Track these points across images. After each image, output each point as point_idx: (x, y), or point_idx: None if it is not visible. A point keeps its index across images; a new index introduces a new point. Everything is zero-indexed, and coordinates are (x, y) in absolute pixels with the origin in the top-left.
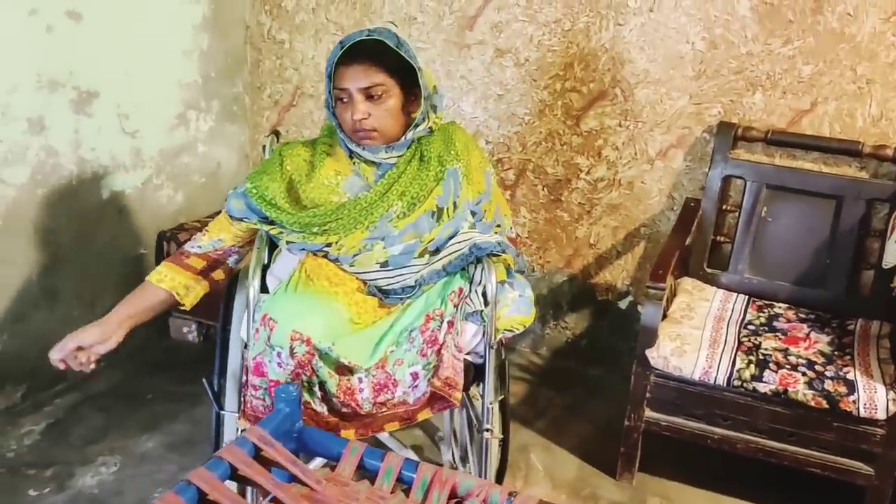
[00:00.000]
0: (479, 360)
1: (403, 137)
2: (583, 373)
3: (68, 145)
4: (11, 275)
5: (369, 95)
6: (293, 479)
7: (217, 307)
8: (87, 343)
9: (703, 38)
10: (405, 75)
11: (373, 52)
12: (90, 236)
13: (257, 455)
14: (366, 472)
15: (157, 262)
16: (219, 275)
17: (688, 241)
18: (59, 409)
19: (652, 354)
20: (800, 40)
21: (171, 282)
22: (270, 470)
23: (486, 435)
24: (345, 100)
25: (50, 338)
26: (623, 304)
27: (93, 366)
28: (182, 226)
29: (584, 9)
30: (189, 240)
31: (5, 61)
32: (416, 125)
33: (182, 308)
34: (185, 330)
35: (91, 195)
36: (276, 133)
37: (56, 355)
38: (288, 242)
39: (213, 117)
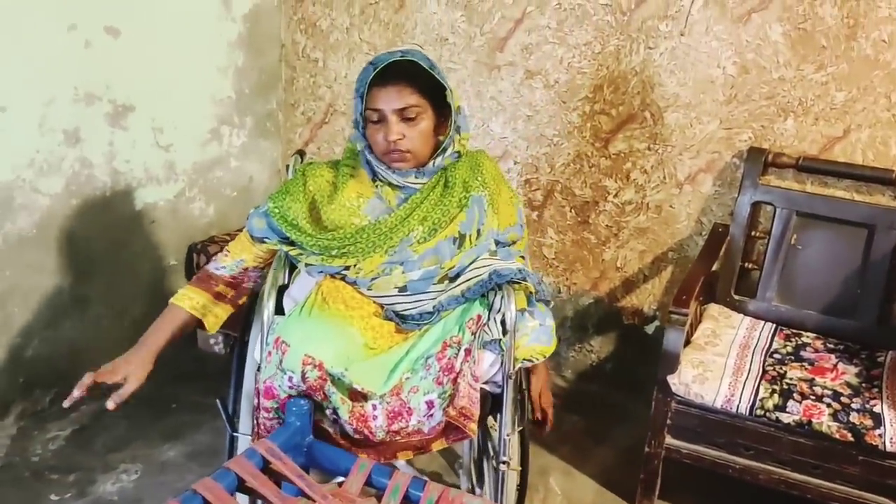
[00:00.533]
0: (497, 390)
1: (432, 163)
2: (607, 397)
3: (103, 157)
4: (44, 282)
5: (404, 117)
6: (301, 493)
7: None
8: (115, 380)
9: (735, 63)
10: (436, 97)
11: (408, 74)
12: (122, 246)
13: (265, 468)
14: (374, 490)
15: (188, 274)
16: (240, 296)
17: (715, 267)
18: (85, 415)
19: (673, 381)
20: (833, 66)
21: (194, 303)
22: (281, 484)
23: (503, 467)
24: (377, 120)
25: (79, 345)
26: (650, 329)
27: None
28: (213, 238)
29: (615, 32)
30: (216, 254)
31: (44, 75)
32: (444, 149)
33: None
34: (211, 341)
35: (124, 206)
36: (301, 153)
37: (77, 392)
38: (307, 265)
39: (246, 133)
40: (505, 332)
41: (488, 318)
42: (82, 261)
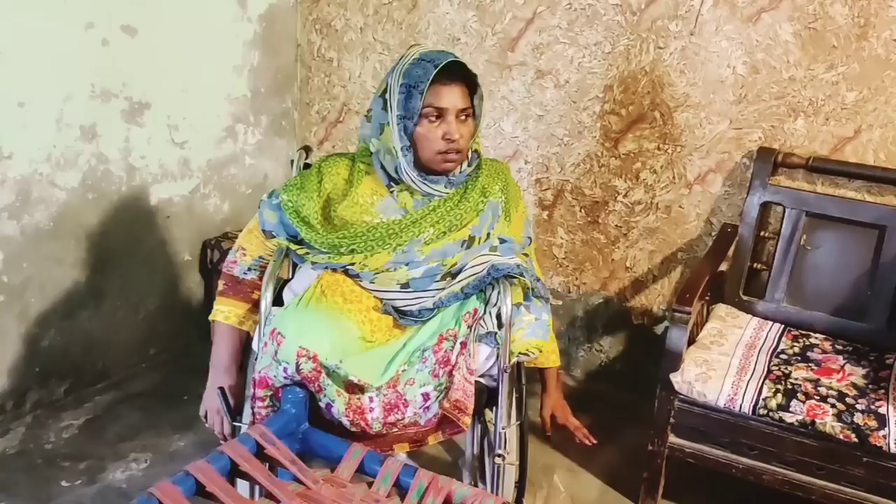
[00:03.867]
0: (494, 384)
1: (459, 170)
2: (615, 397)
3: (118, 153)
4: (61, 274)
5: (462, 117)
6: (294, 478)
7: None
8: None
9: (745, 63)
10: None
11: (465, 76)
12: (137, 241)
13: (259, 453)
14: (366, 476)
15: (202, 269)
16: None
17: (724, 268)
18: (98, 405)
19: (676, 379)
20: (844, 66)
21: (230, 315)
22: (276, 469)
23: (498, 461)
24: (433, 119)
25: (94, 337)
26: (658, 330)
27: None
28: (226, 234)
29: (625, 32)
30: (229, 249)
31: (62, 72)
32: (473, 153)
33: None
34: None
35: (139, 202)
36: (307, 148)
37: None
38: (313, 263)
39: (261, 131)
40: (500, 326)
41: (484, 312)
42: (98, 254)
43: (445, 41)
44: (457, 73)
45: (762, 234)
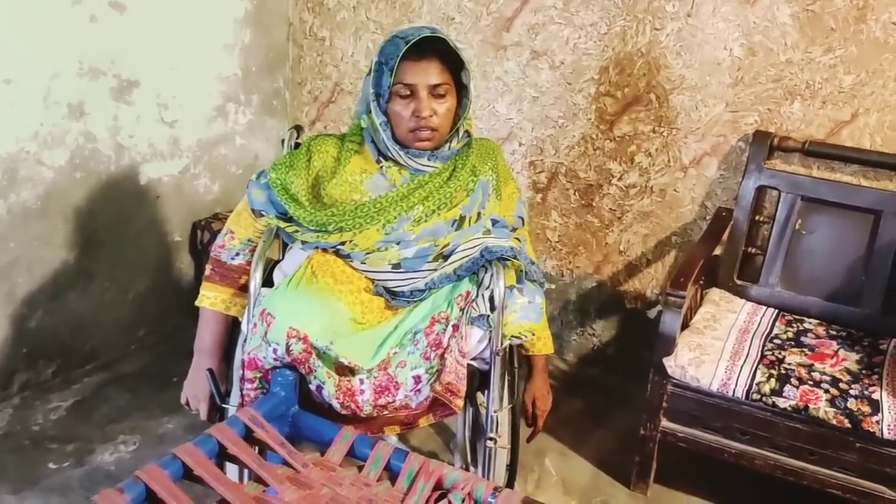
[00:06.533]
0: (486, 367)
1: (447, 146)
2: (607, 381)
3: (107, 131)
4: (49, 254)
5: (435, 94)
6: (283, 462)
7: None
8: (199, 407)
9: (742, 45)
10: (455, 77)
11: (438, 50)
12: (126, 221)
13: (248, 436)
14: (356, 460)
15: (191, 250)
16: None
17: (718, 252)
18: (86, 387)
19: (669, 363)
20: (842, 49)
21: (216, 301)
22: (265, 453)
23: (490, 444)
24: (406, 95)
25: (83, 317)
26: (652, 314)
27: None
28: (217, 215)
29: (621, 12)
30: (219, 230)
31: (49, 48)
32: (457, 131)
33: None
34: None
35: (128, 181)
36: (298, 128)
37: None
38: (302, 242)
39: (252, 111)
40: (493, 309)
41: (477, 294)
42: (87, 234)
43: (439, 20)
44: (432, 48)
45: (757, 218)
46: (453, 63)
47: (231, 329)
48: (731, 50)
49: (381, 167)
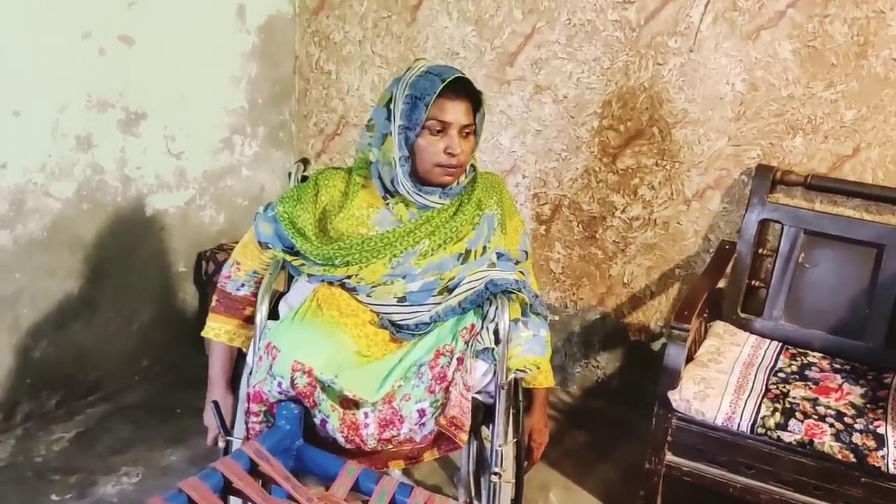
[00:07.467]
0: (490, 401)
1: (456, 183)
2: (612, 414)
3: (114, 163)
4: (54, 285)
5: (464, 133)
6: (288, 496)
7: None
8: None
9: (744, 80)
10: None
11: (470, 92)
12: (131, 252)
13: (253, 469)
14: (361, 495)
15: (196, 281)
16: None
17: (722, 285)
18: (90, 418)
19: (674, 397)
20: (843, 84)
21: (220, 333)
22: (270, 487)
23: (494, 478)
24: (437, 131)
25: (87, 348)
26: (656, 346)
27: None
28: (221, 246)
29: (624, 48)
30: (224, 261)
31: (58, 81)
32: (465, 168)
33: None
34: None
35: (134, 212)
36: (305, 161)
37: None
38: (309, 275)
39: (258, 143)
40: (498, 342)
41: (482, 328)
42: (92, 265)
43: (444, 55)
44: (462, 88)
45: (760, 251)
46: (475, 104)
47: (236, 360)
48: (734, 85)
49: (388, 203)
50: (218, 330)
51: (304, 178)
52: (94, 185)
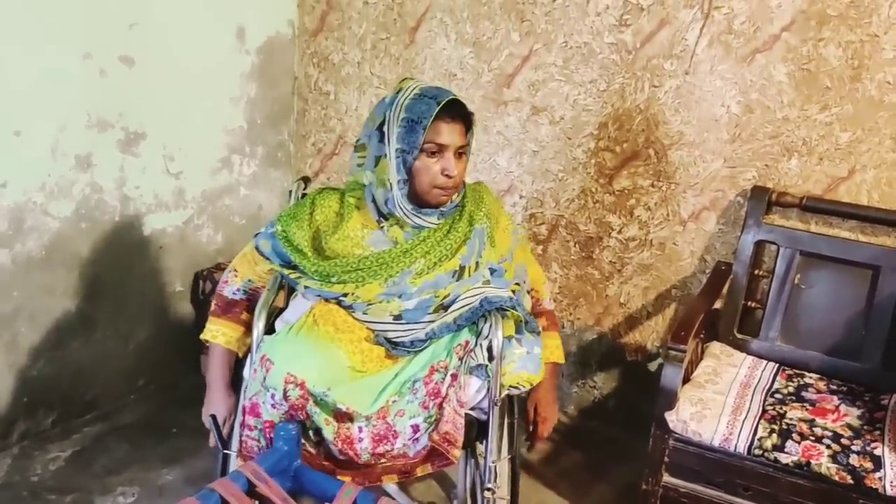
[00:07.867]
0: (484, 417)
1: (450, 202)
2: (608, 434)
3: (113, 182)
4: (51, 304)
5: (458, 154)
6: None
7: None
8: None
9: (739, 102)
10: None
11: (464, 114)
12: (129, 271)
13: (251, 490)
14: None
15: (193, 301)
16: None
17: (718, 306)
18: (86, 437)
19: (671, 418)
20: (837, 107)
21: (228, 338)
22: None
23: (488, 494)
24: (433, 153)
25: (84, 367)
26: (652, 367)
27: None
28: (219, 265)
29: (620, 70)
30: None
31: (58, 101)
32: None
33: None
34: None
35: (132, 231)
36: (305, 179)
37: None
38: (305, 287)
39: (256, 162)
40: (491, 359)
41: (475, 344)
42: (90, 283)
43: (442, 77)
44: (456, 110)
45: (756, 272)
46: (467, 124)
47: (236, 368)
48: (729, 107)
49: (382, 227)
50: (216, 332)
51: (305, 196)
52: (93, 205)
